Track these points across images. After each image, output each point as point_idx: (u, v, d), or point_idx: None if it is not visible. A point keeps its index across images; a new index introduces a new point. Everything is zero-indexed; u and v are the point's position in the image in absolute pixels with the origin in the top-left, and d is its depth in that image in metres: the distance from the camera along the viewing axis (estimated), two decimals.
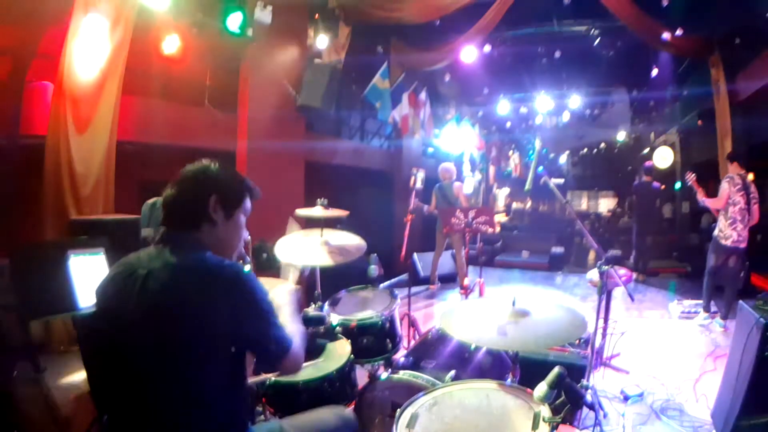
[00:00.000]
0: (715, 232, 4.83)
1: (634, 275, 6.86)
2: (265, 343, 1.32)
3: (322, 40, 6.08)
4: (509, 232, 13.29)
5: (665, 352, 4.21)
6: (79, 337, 2.65)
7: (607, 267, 2.54)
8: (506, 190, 20.01)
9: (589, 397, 1.42)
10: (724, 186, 4.76)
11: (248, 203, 1.48)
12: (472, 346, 2.27)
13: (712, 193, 4.93)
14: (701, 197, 4.91)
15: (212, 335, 1.22)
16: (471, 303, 2.17)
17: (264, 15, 5.09)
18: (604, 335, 3.47)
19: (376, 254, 2.86)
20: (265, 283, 1.40)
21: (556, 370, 1.38)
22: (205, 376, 1.23)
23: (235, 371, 1.32)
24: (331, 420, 1.67)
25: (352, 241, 2.61)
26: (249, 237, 2.23)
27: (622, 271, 3.12)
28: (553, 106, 10.96)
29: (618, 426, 2.86)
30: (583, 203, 21.56)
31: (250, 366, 1.67)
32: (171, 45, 4.97)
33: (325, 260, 2.43)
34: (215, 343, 1.23)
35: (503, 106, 10.89)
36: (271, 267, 4.01)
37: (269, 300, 1.34)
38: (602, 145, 18.43)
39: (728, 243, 4.67)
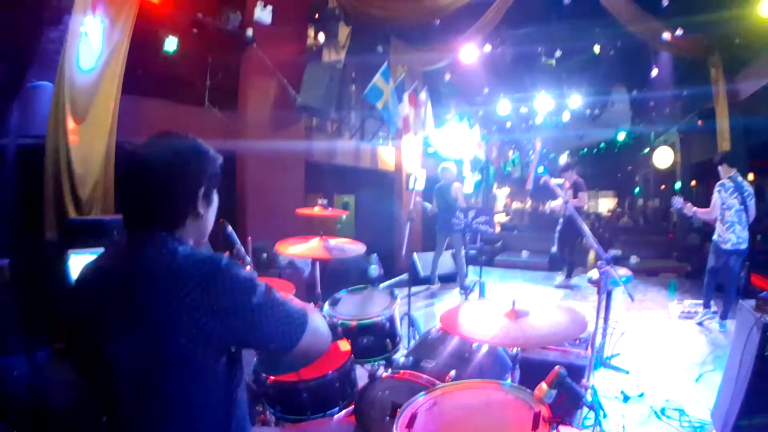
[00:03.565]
0: (714, 237, 4.82)
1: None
2: (269, 331, 1.14)
3: (321, 40, 6.09)
4: (509, 232, 13.30)
5: (665, 352, 4.21)
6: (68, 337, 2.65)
7: (606, 267, 2.54)
8: (506, 190, 20.02)
9: (589, 397, 1.42)
10: (715, 196, 4.76)
11: None
12: (473, 346, 2.28)
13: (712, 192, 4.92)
14: (691, 211, 4.85)
15: (198, 338, 1.06)
16: (471, 303, 2.17)
17: (264, 15, 5.09)
18: (604, 335, 3.47)
19: (376, 254, 2.86)
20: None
21: (556, 369, 1.38)
22: (192, 382, 1.09)
23: (227, 377, 1.15)
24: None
25: (351, 244, 2.63)
26: (249, 237, 2.23)
27: (623, 271, 3.13)
28: (553, 105, 10.97)
29: (618, 426, 2.86)
30: None
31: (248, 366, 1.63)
32: (171, 45, 4.97)
33: (324, 254, 2.44)
34: (199, 351, 1.07)
35: (503, 106, 10.89)
36: (271, 267, 4.02)
37: (258, 288, 1.13)
38: (602, 144, 18.46)
39: (728, 246, 4.66)
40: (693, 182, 11.44)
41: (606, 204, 22.69)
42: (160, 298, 1.08)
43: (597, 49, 7.62)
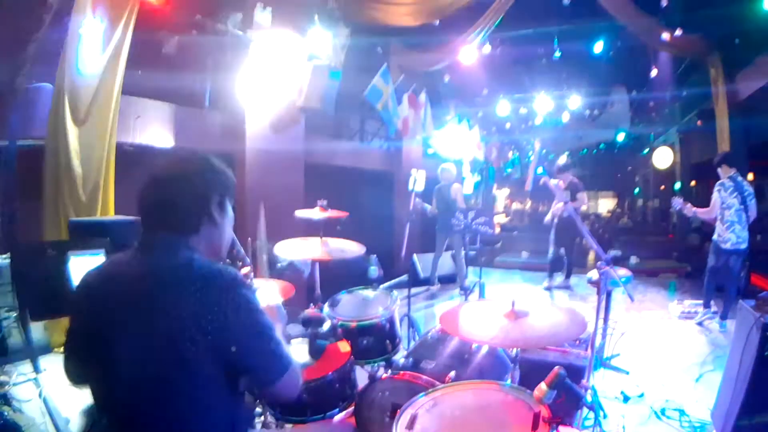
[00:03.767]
0: (714, 236, 4.82)
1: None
2: (261, 359, 1.18)
3: (322, 41, 6.09)
4: (509, 233, 13.32)
5: (665, 352, 4.21)
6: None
7: (606, 267, 2.54)
8: (506, 191, 20.02)
9: (589, 398, 1.42)
10: (714, 196, 4.76)
11: None
12: (473, 347, 2.28)
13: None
14: (691, 211, 4.84)
15: (202, 346, 1.09)
16: (471, 304, 2.17)
17: (264, 16, 5.10)
18: (603, 336, 3.47)
19: (375, 255, 2.86)
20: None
21: (556, 370, 1.38)
22: (197, 387, 1.11)
23: (230, 382, 1.17)
24: None
25: (351, 245, 2.63)
26: (249, 238, 2.23)
27: (622, 271, 3.12)
28: (552, 106, 10.97)
29: (618, 426, 2.85)
30: None
31: None
32: (171, 45, 4.98)
33: (324, 255, 2.44)
34: (206, 355, 1.10)
35: (503, 107, 10.89)
36: (270, 268, 4.01)
37: (265, 312, 1.20)
38: (602, 145, 18.49)
39: (728, 246, 4.66)
40: (693, 182, 11.44)
41: (606, 204, 22.70)
42: (170, 303, 1.10)
43: (597, 48, 7.63)
